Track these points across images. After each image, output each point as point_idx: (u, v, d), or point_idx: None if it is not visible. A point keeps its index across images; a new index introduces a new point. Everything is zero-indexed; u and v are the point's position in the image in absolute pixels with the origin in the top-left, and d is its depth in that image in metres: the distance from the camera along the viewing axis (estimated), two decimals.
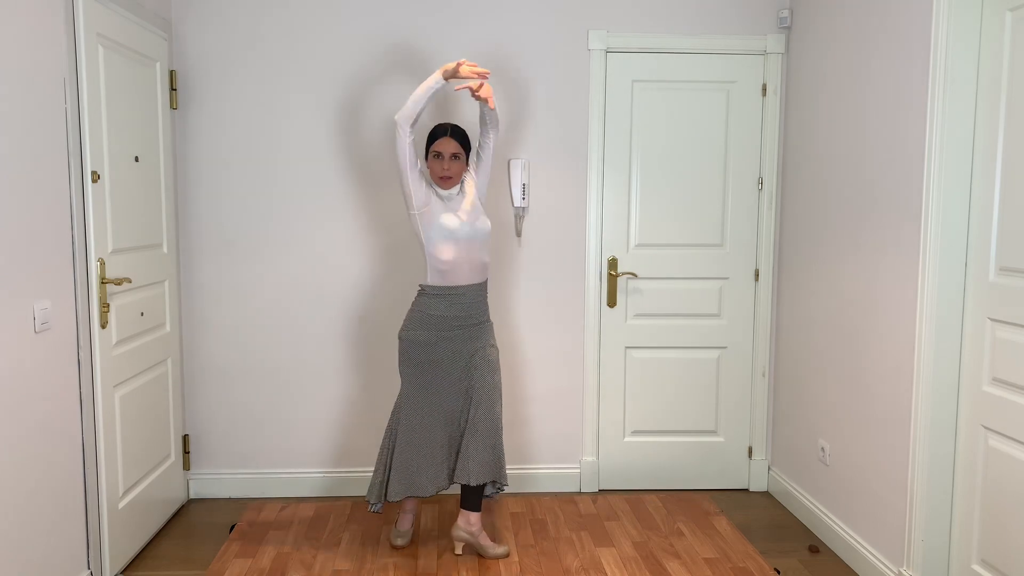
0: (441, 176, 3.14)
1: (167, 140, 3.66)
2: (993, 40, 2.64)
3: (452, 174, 3.14)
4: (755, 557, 3.27)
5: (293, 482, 3.99)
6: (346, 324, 3.93)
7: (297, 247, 3.88)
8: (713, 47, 3.90)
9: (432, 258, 3.12)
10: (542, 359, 4.01)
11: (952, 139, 2.72)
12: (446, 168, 3.13)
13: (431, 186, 3.18)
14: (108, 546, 3.08)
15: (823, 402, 3.57)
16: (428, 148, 3.19)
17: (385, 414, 3.99)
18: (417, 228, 3.14)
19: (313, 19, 3.79)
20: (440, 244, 3.09)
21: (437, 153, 3.14)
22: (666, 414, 4.10)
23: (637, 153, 3.95)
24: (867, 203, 3.20)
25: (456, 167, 3.15)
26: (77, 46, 2.86)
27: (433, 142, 3.16)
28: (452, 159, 3.13)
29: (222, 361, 3.92)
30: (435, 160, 3.15)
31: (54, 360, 2.73)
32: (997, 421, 2.63)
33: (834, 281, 3.47)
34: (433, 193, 3.15)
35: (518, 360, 4.00)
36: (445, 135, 3.14)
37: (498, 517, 3.65)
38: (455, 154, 3.14)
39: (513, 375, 3.99)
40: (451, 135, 3.14)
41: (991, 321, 2.65)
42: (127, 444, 3.26)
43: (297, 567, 3.17)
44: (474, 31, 3.84)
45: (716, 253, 4.03)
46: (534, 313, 3.98)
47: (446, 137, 3.14)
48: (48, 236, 2.69)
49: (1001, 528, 2.62)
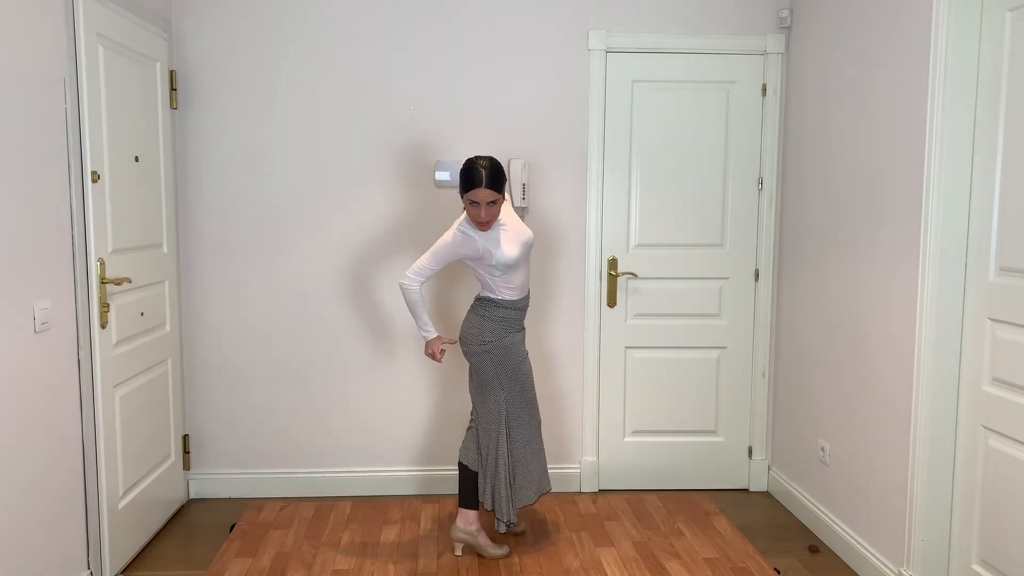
0: (479, 222, 3.08)
1: (167, 140, 3.66)
2: (993, 40, 2.64)
3: (489, 219, 3.08)
4: (755, 557, 3.27)
5: (293, 482, 3.99)
6: (346, 324, 3.94)
7: (297, 247, 3.88)
8: (713, 47, 3.90)
9: (504, 282, 3.15)
10: (542, 359, 4.01)
11: (952, 139, 2.72)
12: (483, 215, 3.05)
13: (474, 233, 3.11)
14: (108, 546, 3.08)
15: (823, 402, 3.57)
16: (463, 192, 3.08)
17: (385, 414, 3.99)
18: (479, 273, 3.16)
19: (313, 19, 3.79)
20: (510, 273, 3.15)
21: (473, 202, 3.06)
22: (666, 414, 4.10)
23: (637, 153, 3.95)
24: (867, 203, 3.20)
25: (493, 212, 3.07)
26: (77, 46, 2.86)
27: (469, 190, 3.05)
28: (489, 206, 3.05)
29: (222, 361, 3.92)
30: (472, 207, 3.07)
31: (54, 360, 2.73)
32: (997, 421, 2.63)
33: (834, 281, 3.47)
34: (479, 237, 3.10)
35: None
36: (481, 186, 3.02)
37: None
38: (492, 201, 3.05)
39: None
40: (487, 185, 3.02)
41: (991, 321, 2.65)
42: (127, 444, 3.26)
43: (297, 567, 3.17)
44: (474, 31, 3.84)
45: (716, 253, 4.03)
46: (534, 313, 3.98)
47: (481, 188, 3.02)
48: (48, 236, 2.69)
49: (1001, 528, 2.62)
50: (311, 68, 3.81)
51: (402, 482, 4.02)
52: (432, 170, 3.89)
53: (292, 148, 3.84)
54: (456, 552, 3.26)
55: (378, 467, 4.03)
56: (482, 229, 3.11)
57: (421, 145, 3.88)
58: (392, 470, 4.03)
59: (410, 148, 3.88)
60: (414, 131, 3.87)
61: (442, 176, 3.87)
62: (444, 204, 3.90)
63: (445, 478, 4.03)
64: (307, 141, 3.84)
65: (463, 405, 4.01)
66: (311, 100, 3.83)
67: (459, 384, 4.00)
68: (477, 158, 3.06)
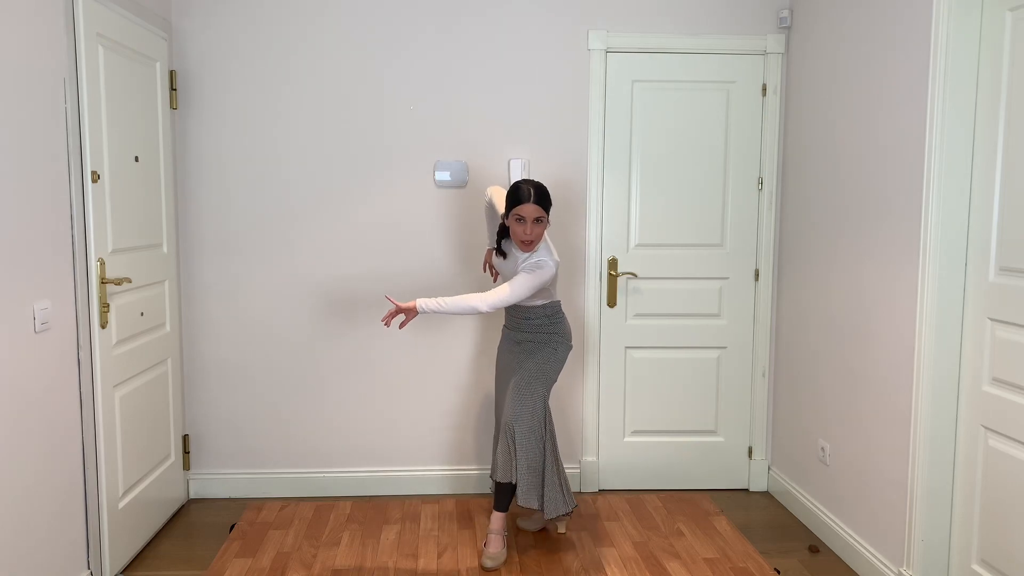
0: (523, 240, 3.08)
1: (167, 140, 3.66)
2: (993, 40, 2.64)
3: (534, 238, 3.08)
4: (755, 557, 3.27)
5: (293, 482, 3.99)
6: (346, 324, 3.93)
7: (297, 247, 3.88)
8: (713, 47, 3.90)
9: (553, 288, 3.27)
10: None
11: (952, 139, 2.72)
12: (528, 232, 3.05)
13: (549, 259, 3.13)
14: (108, 546, 3.08)
15: (823, 402, 3.57)
16: (509, 208, 3.09)
17: (385, 414, 3.99)
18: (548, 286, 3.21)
19: (313, 19, 3.79)
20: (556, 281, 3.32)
21: (519, 217, 3.06)
22: (666, 414, 4.10)
23: (637, 153, 3.95)
24: (867, 203, 3.20)
25: (538, 230, 3.08)
26: (77, 46, 2.86)
27: (515, 205, 3.07)
28: (535, 223, 3.06)
29: (222, 361, 3.92)
30: (517, 224, 3.07)
31: (54, 360, 2.73)
32: (997, 421, 2.63)
33: (834, 281, 3.47)
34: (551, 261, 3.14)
35: None
36: (528, 200, 3.04)
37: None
38: (538, 218, 3.06)
39: None
40: (534, 200, 3.04)
41: (991, 321, 2.65)
42: (127, 444, 3.26)
43: (297, 567, 3.17)
44: (474, 31, 3.84)
45: (716, 253, 4.03)
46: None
47: (529, 203, 3.04)
48: (48, 236, 2.69)
49: (1001, 528, 2.62)
50: (311, 68, 3.81)
51: (402, 482, 4.02)
52: (432, 170, 3.89)
53: (292, 148, 3.84)
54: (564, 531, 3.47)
55: (378, 467, 4.03)
56: (525, 249, 3.11)
57: (421, 145, 3.88)
58: (392, 470, 4.03)
59: (410, 148, 3.88)
60: (414, 131, 3.87)
61: (442, 176, 3.87)
62: (444, 204, 3.90)
63: (445, 478, 4.03)
64: (307, 141, 3.84)
65: (463, 405, 4.01)
66: (311, 100, 3.82)
67: (459, 384, 4.00)
68: (524, 180, 3.10)
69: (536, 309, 3.25)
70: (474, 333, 3.97)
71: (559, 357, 3.26)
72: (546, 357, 3.23)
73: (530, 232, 3.06)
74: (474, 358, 3.99)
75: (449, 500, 3.88)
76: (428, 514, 3.70)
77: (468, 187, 3.90)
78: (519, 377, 3.19)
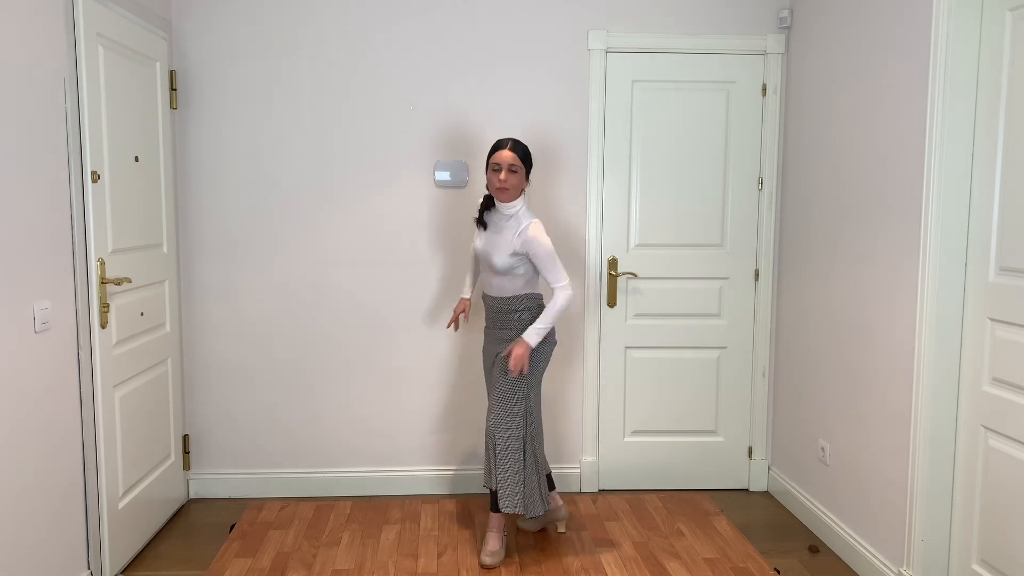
0: (498, 187, 3.11)
1: (167, 140, 3.66)
2: (993, 40, 2.64)
3: (509, 186, 3.10)
4: (755, 557, 3.27)
5: (293, 482, 3.99)
6: (346, 324, 3.94)
7: (297, 247, 3.88)
8: (713, 47, 3.90)
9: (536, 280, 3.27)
10: None
11: (952, 139, 2.72)
12: (503, 179, 3.09)
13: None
14: (108, 546, 3.08)
15: (823, 402, 3.57)
16: (488, 160, 3.16)
17: (385, 414, 3.99)
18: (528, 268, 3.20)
19: (313, 19, 3.79)
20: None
21: (496, 166, 3.12)
22: (666, 414, 4.10)
23: (637, 153, 3.95)
24: (867, 203, 3.20)
25: (514, 179, 3.11)
26: (77, 46, 2.86)
27: (493, 154, 3.14)
28: (509, 171, 3.10)
29: (222, 361, 3.92)
30: (493, 172, 3.13)
31: (54, 360, 2.73)
32: (997, 421, 2.63)
33: (834, 281, 3.47)
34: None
35: None
36: (504, 148, 3.12)
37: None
38: (512, 166, 3.10)
39: None
40: (511, 148, 3.12)
41: (991, 321, 2.65)
42: (127, 444, 3.26)
43: (297, 567, 3.17)
44: (475, 31, 3.84)
45: (716, 253, 4.03)
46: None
47: (505, 150, 3.11)
48: (48, 236, 2.69)
49: (1001, 528, 2.62)
50: (311, 68, 3.81)
51: (402, 482, 4.02)
52: (432, 170, 3.89)
53: (292, 148, 3.84)
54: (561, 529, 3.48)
55: (378, 467, 4.03)
56: (500, 197, 3.13)
57: (421, 145, 3.88)
58: (392, 470, 4.03)
59: (410, 148, 3.88)
60: (414, 131, 3.87)
61: (442, 176, 3.87)
62: (444, 204, 3.91)
63: (445, 478, 4.03)
64: (307, 141, 3.84)
65: (463, 405, 4.01)
66: (311, 100, 3.83)
67: (459, 384, 4.00)
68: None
69: (518, 300, 3.20)
70: (474, 333, 3.97)
71: (544, 356, 3.23)
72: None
73: (504, 179, 3.09)
74: (474, 358, 3.99)
75: (449, 500, 3.88)
76: (428, 514, 3.70)
77: (468, 187, 3.90)
78: (502, 382, 3.17)
